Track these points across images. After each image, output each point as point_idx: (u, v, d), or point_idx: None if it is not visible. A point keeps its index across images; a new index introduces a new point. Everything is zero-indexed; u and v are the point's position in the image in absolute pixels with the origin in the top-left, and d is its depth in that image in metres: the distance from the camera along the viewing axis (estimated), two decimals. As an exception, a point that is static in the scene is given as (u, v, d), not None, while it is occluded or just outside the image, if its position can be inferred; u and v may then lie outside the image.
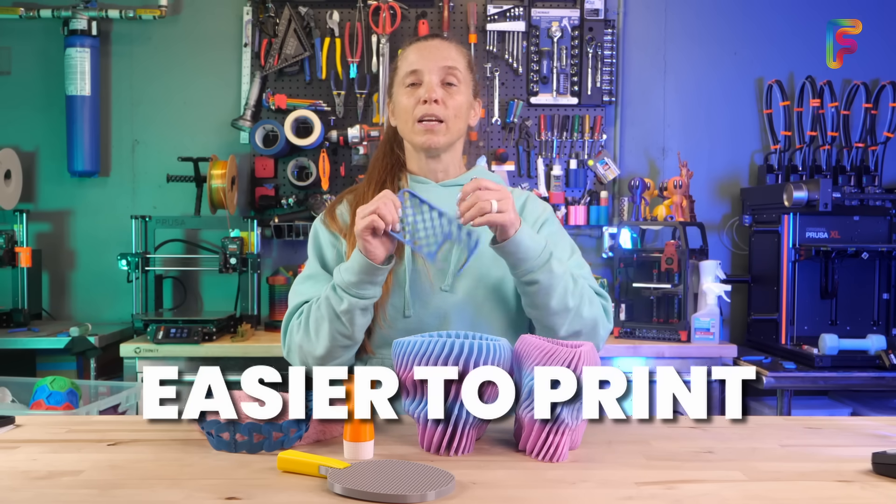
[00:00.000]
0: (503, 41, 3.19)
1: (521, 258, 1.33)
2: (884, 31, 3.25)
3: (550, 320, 1.38)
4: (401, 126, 1.52)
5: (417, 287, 1.45)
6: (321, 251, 1.52)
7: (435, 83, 1.46)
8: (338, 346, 1.39)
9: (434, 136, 1.47)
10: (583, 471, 1.06)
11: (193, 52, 3.22)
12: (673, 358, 2.71)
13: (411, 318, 1.44)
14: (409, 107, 1.47)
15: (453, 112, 1.47)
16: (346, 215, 1.54)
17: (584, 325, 1.40)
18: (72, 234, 3.24)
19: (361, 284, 1.34)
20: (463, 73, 1.50)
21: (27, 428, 1.28)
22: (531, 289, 1.36)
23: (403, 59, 1.51)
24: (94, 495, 0.95)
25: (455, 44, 1.53)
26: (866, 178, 3.00)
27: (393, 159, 1.56)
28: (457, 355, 1.09)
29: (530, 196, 1.58)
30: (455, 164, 1.56)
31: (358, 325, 1.38)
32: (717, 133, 3.27)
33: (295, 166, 3.14)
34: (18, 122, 3.22)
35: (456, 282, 1.45)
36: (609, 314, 1.47)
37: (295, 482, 1.00)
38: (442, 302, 1.45)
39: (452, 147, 1.52)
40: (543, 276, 1.34)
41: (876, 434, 1.29)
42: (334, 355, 1.40)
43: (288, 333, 1.46)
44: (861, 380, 2.58)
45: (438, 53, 1.48)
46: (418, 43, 1.52)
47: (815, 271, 2.88)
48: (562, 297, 1.36)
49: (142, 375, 2.66)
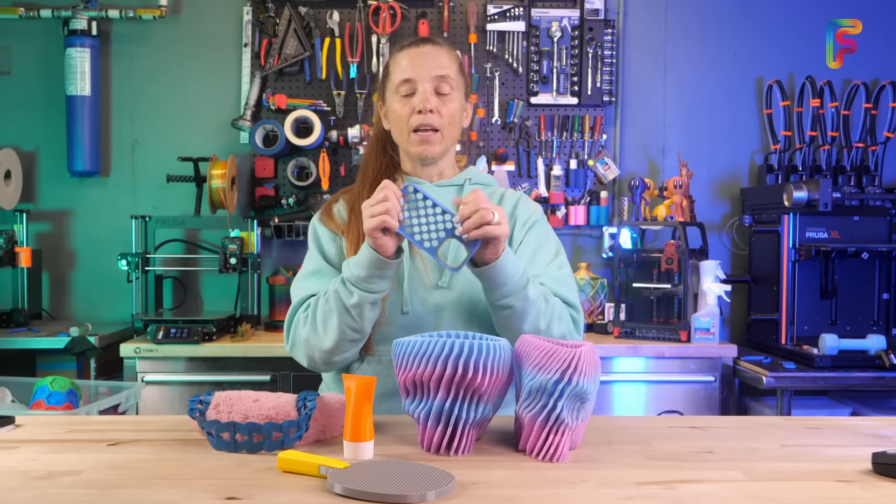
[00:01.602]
0: (503, 41, 3.19)
1: (499, 283, 1.33)
2: (884, 31, 3.25)
3: None
4: (395, 133, 1.53)
5: (415, 284, 1.46)
6: (322, 247, 1.52)
7: (429, 92, 1.47)
8: (346, 339, 1.39)
9: (429, 147, 1.49)
10: (583, 471, 1.06)
11: (193, 52, 3.23)
12: (673, 358, 2.71)
13: (409, 315, 1.45)
14: (404, 115, 1.48)
15: (448, 120, 1.49)
16: (343, 212, 1.55)
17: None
18: (72, 234, 3.24)
19: (371, 279, 1.34)
20: (455, 79, 1.51)
21: (27, 428, 1.28)
22: (505, 313, 1.37)
23: (396, 65, 1.51)
24: (94, 495, 0.95)
25: (446, 48, 1.53)
26: (866, 178, 3.00)
27: (386, 159, 1.57)
28: (457, 355, 1.09)
29: (522, 196, 1.60)
30: (450, 166, 1.58)
31: (367, 318, 1.38)
32: (717, 133, 3.27)
33: (295, 166, 3.14)
34: (18, 122, 3.22)
35: (452, 279, 1.46)
36: (579, 326, 1.47)
37: (295, 482, 1.00)
38: (439, 298, 1.46)
39: (447, 151, 1.54)
40: (518, 302, 1.35)
41: (876, 434, 1.29)
42: (342, 349, 1.40)
43: (293, 328, 1.46)
44: (861, 380, 2.58)
45: (431, 61, 1.49)
46: (410, 49, 1.52)
47: (815, 271, 2.89)
48: (533, 321, 1.37)
49: (142, 376, 2.66)
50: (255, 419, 1.16)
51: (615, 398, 2.72)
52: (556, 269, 1.49)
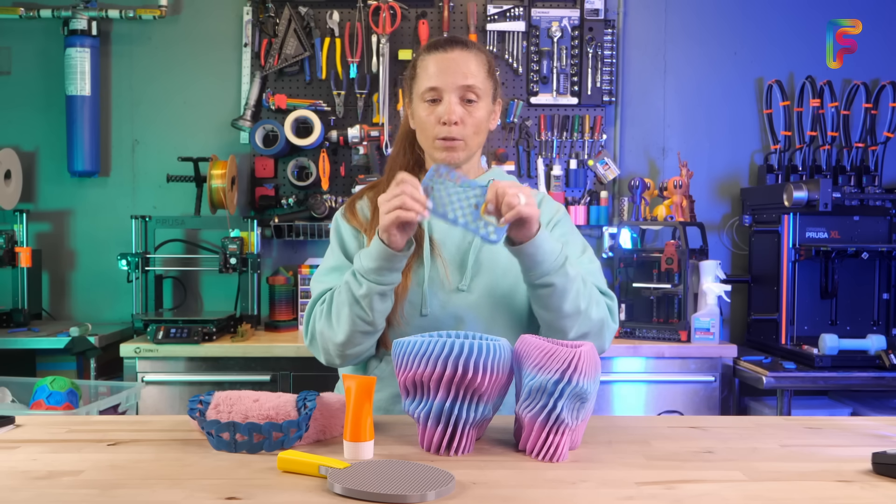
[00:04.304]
0: (503, 41, 3.19)
1: (538, 261, 1.34)
2: (884, 31, 3.25)
3: (561, 323, 1.39)
4: (420, 138, 1.52)
5: (435, 286, 1.46)
6: (343, 243, 1.53)
7: (454, 103, 1.45)
8: (358, 331, 1.39)
9: (454, 153, 1.47)
10: (583, 471, 1.06)
11: (193, 52, 3.23)
12: (673, 358, 2.71)
13: (427, 317, 1.45)
14: (429, 124, 1.47)
15: (473, 130, 1.48)
16: (366, 210, 1.55)
17: (592, 326, 1.41)
18: (72, 234, 3.24)
19: (381, 270, 1.34)
20: (482, 86, 1.48)
21: (27, 428, 1.28)
22: (545, 291, 1.36)
23: (423, 69, 1.48)
24: (94, 495, 0.95)
25: (475, 53, 1.49)
26: (866, 178, 3.00)
27: (413, 157, 1.57)
28: (457, 355, 1.09)
29: (545, 197, 1.61)
30: (474, 167, 1.57)
31: (377, 310, 1.37)
32: (717, 133, 3.27)
33: (295, 166, 3.14)
34: (18, 122, 3.22)
35: (472, 282, 1.46)
36: (614, 314, 1.47)
37: (295, 482, 1.00)
38: (459, 301, 1.46)
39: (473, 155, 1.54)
40: (559, 279, 1.35)
41: (876, 434, 1.29)
42: (354, 342, 1.40)
43: (311, 320, 1.46)
44: (861, 380, 2.58)
45: (458, 70, 1.45)
46: (438, 54, 1.47)
47: (815, 271, 2.89)
48: (574, 300, 1.37)
49: (142, 376, 2.66)
50: (255, 419, 1.16)
51: (615, 398, 2.72)
52: (588, 262, 1.50)
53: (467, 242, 1.50)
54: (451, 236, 1.50)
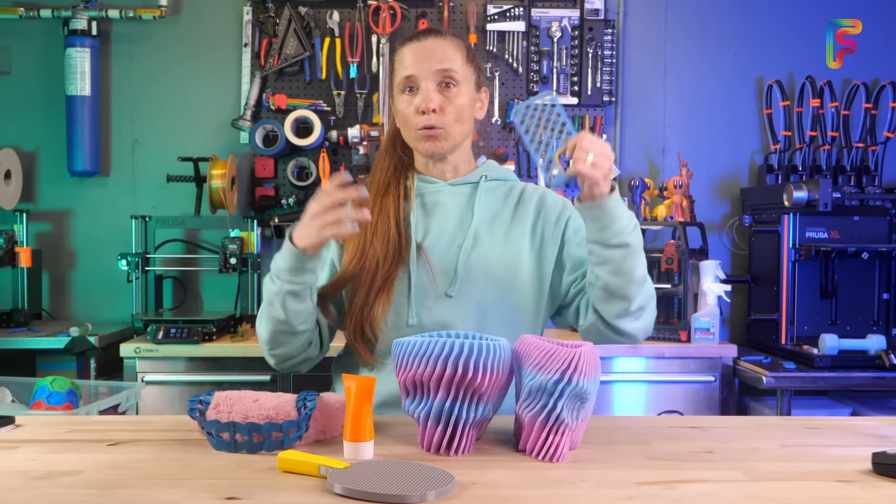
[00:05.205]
0: (503, 41, 3.19)
1: (616, 217, 1.29)
2: (884, 31, 3.25)
3: (629, 289, 1.34)
4: (404, 133, 1.49)
5: (421, 295, 1.42)
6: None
7: (431, 90, 1.42)
8: (277, 331, 1.39)
9: (437, 143, 1.44)
10: (583, 471, 1.06)
11: (193, 52, 3.23)
12: (673, 358, 2.71)
13: (414, 327, 1.41)
14: (409, 115, 1.44)
15: (453, 117, 1.44)
16: None
17: (649, 300, 1.39)
18: (72, 234, 3.24)
19: (292, 270, 1.34)
20: (461, 71, 1.44)
21: (27, 428, 1.28)
22: (620, 253, 1.31)
23: (399, 62, 1.46)
24: (94, 495, 0.95)
25: (450, 39, 1.46)
26: (866, 178, 3.00)
27: (395, 159, 1.53)
28: (457, 355, 1.09)
29: (547, 192, 1.58)
30: (464, 161, 1.53)
31: (290, 310, 1.35)
32: (717, 133, 3.27)
33: (295, 166, 3.14)
34: (18, 122, 3.22)
35: (461, 288, 1.42)
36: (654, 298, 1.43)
37: (295, 482, 1.00)
38: (447, 308, 1.42)
39: (459, 146, 1.50)
40: (634, 239, 1.32)
41: (876, 434, 1.28)
42: (277, 341, 1.40)
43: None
44: (861, 380, 2.58)
45: (433, 55, 1.42)
46: (412, 44, 1.46)
47: (815, 271, 2.89)
48: (643, 265, 1.34)
49: (142, 376, 2.66)
50: (255, 419, 1.16)
51: (615, 398, 2.72)
52: None
53: (456, 246, 1.45)
54: (440, 241, 1.46)
